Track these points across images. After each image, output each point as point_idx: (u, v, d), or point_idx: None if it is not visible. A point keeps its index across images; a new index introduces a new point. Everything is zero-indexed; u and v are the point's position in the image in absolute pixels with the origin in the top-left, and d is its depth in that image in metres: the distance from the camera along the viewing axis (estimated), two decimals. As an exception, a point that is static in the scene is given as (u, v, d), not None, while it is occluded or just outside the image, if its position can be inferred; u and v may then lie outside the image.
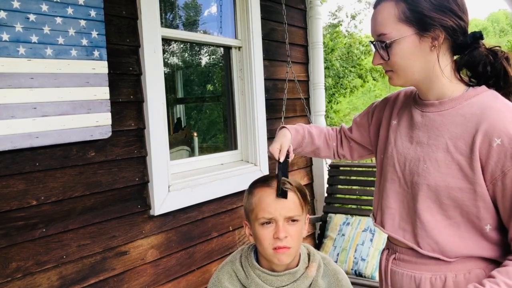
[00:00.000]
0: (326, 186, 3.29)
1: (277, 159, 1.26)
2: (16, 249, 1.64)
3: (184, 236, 2.29)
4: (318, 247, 2.98)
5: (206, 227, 2.42)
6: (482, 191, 1.01)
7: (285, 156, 1.27)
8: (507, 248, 1.03)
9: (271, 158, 1.28)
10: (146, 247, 2.10)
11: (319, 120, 3.41)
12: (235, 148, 2.81)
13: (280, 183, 1.19)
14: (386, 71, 1.14)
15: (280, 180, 1.20)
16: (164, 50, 2.54)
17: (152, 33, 2.09)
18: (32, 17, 1.61)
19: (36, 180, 1.70)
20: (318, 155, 1.48)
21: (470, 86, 1.09)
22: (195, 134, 3.02)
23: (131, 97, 2.03)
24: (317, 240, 3.18)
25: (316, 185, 3.41)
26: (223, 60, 2.90)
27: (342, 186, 3.31)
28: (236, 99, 2.79)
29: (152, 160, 2.08)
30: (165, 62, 2.28)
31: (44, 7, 1.65)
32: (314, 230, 3.32)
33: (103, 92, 1.83)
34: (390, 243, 1.24)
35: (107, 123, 1.85)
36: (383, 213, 1.20)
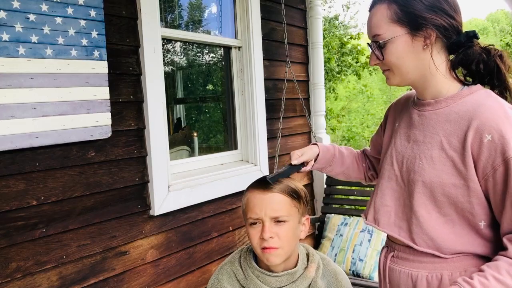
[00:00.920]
0: (324, 187, 3.29)
1: (291, 160, 1.30)
2: (16, 249, 1.64)
3: (184, 236, 2.30)
4: (316, 247, 2.98)
5: (206, 227, 2.42)
6: (475, 187, 1.03)
7: (299, 163, 1.30)
8: (501, 245, 1.03)
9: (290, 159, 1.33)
10: (146, 247, 2.11)
11: (319, 120, 3.41)
12: (235, 148, 2.82)
13: (276, 174, 1.21)
14: (383, 71, 1.17)
15: (279, 173, 1.22)
16: (164, 50, 2.54)
17: (152, 33, 2.09)
18: (32, 17, 1.61)
19: (36, 180, 1.70)
20: (348, 176, 1.49)
21: (466, 85, 1.11)
22: (195, 134, 3.02)
23: (131, 97, 2.03)
24: (315, 240, 3.18)
25: (316, 185, 3.41)
26: (223, 60, 2.91)
27: (341, 187, 3.31)
28: (236, 99, 2.80)
29: (152, 160, 2.08)
30: (165, 62, 2.28)
31: (44, 7, 1.65)
32: (313, 230, 3.32)
33: (103, 92, 1.83)
34: (388, 241, 1.26)
35: (107, 123, 1.85)
36: (377, 210, 1.21)
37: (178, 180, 2.25)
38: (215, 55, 3.10)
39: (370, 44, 1.14)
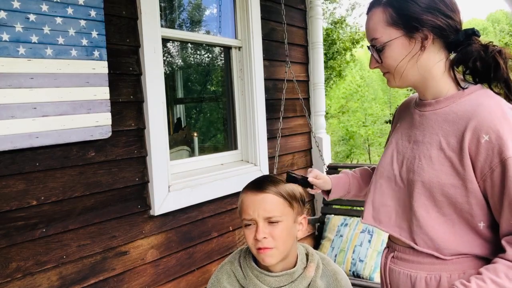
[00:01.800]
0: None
1: (308, 175, 1.37)
2: (16, 249, 1.64)
3: (184, 236, 2.30)
4: (316, 248, 2.98)
5: (206, 227, 2.43)
6: (473, 188, 1.02)
7: (308, 181, 1.35)
8: (501, 246, 1.03)
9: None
10: (146, 247, 2.11)
11: (319, 120, 3.41)
12: (235, 148, 2.82)
13: (295, 175, 1.29)
14: (383, 74, 1.18)
15: (297, 176, 1.30)
16: (164, 50, 2.54)
17: (152, 33, 2.09)
18: (32, 17, 1.61)
19: (36, 180, 1.70)
20: None
21: (466, 84, 1.10)
22: (195, 134, 3.02)
23: (131, 97, 2.03)
24: (315, 240, 3.18)
25: (316, 185, 3.41)
26: (223, 60, 2.91)
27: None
28: (236, 99, 2.80)
29: (152, 160, 2.09)
30: (165, 62, 2.28)
31: (44, 7, 1.65)
32: (313, 230, 3.32)
33: (103, 92, 1.83)
34: (389, 241, 1.26)
35: (107, 123, 1.85)
36: (378, 210, 1.21)
37: (178, 180, 2.25)
38: (215, 55, 3.10)
39: (369, 47, 1.15)
